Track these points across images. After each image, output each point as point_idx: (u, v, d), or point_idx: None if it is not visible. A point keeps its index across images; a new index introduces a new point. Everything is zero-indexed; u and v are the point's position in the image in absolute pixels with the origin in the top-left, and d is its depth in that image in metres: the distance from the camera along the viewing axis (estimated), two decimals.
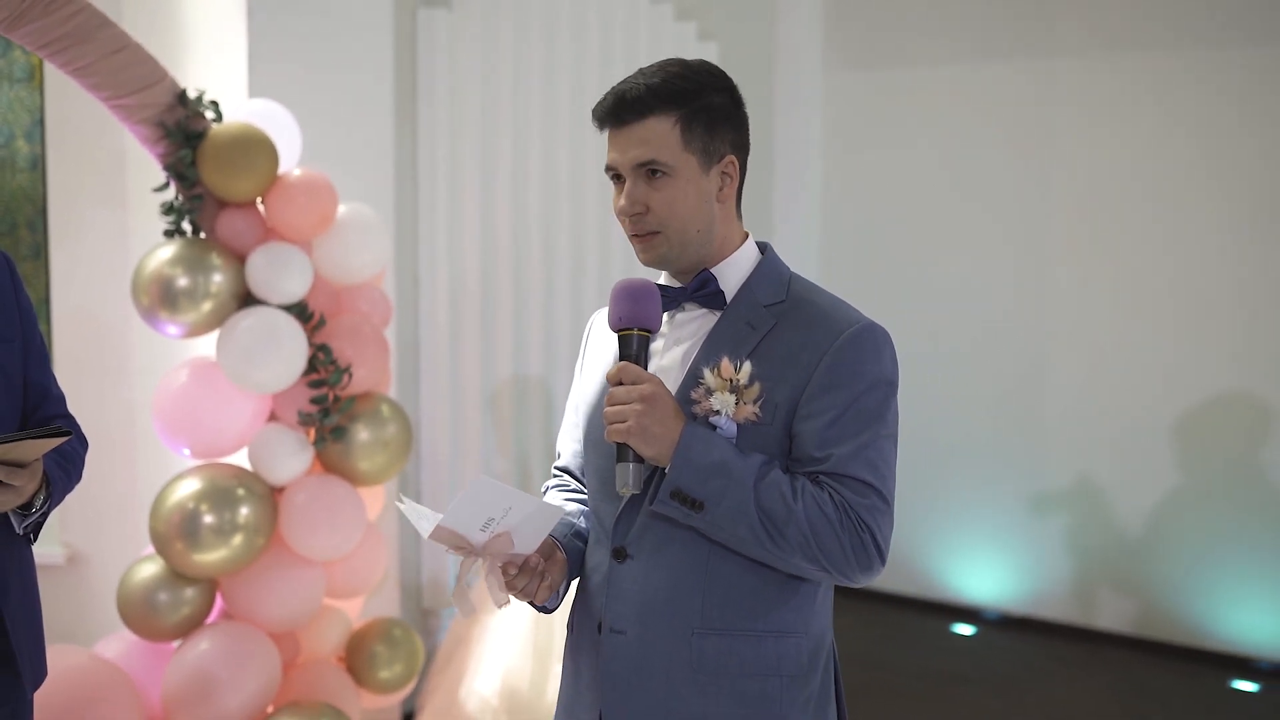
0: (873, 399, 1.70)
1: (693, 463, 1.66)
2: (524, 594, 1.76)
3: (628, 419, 1.66)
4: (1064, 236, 5.27)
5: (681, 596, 1.74)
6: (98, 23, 2.87)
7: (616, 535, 1.80)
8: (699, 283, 1.79)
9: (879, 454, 1.70)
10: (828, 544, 1.66)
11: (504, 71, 4.37)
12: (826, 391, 1.69)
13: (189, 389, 3.14)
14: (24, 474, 1.90)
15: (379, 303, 3.43)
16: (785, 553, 1.67)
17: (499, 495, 1.64)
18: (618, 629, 1.78)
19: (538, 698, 3.61)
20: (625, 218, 1.76)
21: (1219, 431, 4.93)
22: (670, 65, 1.77)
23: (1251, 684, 4.70)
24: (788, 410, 1.71)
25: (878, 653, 5.06)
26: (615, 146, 1.76)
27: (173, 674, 3.09)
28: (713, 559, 1.73)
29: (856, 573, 1.69)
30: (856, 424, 1.69)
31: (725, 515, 1.67)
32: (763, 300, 1.78)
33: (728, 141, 1.77)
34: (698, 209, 1.75)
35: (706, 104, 1.74)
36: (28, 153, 3.89)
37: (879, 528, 1.68)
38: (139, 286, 3.10)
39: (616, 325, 1.73)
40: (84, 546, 3.87)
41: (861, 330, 1.72)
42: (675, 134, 1.72)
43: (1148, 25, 5.01)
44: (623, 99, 1.74)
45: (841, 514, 1.66)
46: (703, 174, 1.75)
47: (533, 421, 4.57)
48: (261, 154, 3.11)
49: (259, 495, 3.14)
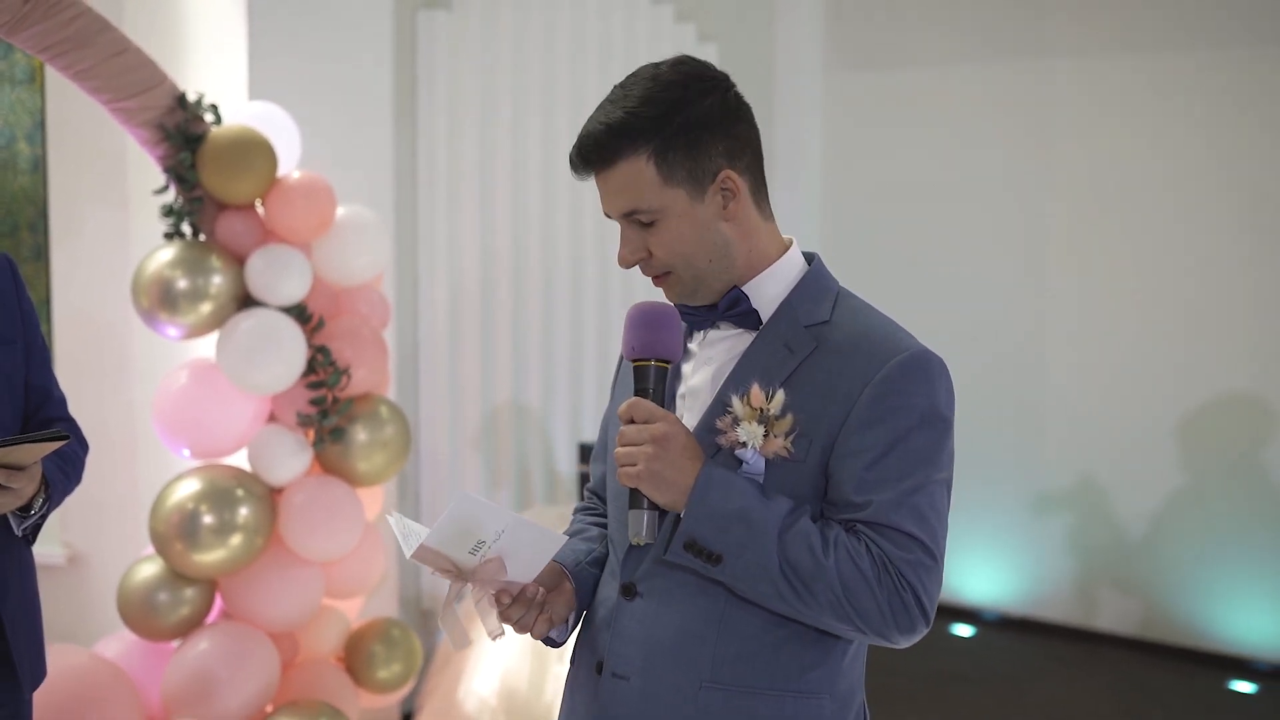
0: (923, 438, 1.50)
1: (709, 511, 1.49)
2: (520, 626, 1.62)
3: (638, 462, 1.50)
4: (1064, 237, 5.27)
5: (691, 644, 1.57)
6: (98, 27, 2.88)
7: (625, 570, 1.63)
8: (729, 302, 1.60)
9: (928, 501, 1.50)
10: (863, 603, 1.48)
11: (503, 73, 4.38)
12: (869, 427, 1.50)
13: (189, 390, 3.15)
14: (23, 476, 1.91)
15: (378, 305, 3.45)
16: (814, 611, 1.50)
17: (489, 516, 1.50)
18: (620, 673, 1.61)
19: (536, 698, 3.62)
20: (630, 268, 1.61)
21: (1219, 433, 4.94)
22: (635, 87, 1.56)
23: (1250, 685, 4.71)
24: (824, 446, 1.51)
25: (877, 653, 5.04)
26: (600, 194, 1.59)
27: (172, 674, 3.10)
28: (730, 605, 1.55)
29: (895, 635, 1.51)
30: (902, 466, 1.49)
31: (746, 569, 1.49)
32: (804, 320, 1.58)
33: (719, 153, 1.56)
34: (700, 241, 1.56)
35: (683, 122, 1.53)
36: (29, 154, 3.90)
37: (924, 586, 1.49)
38: (139, 288, 3.11)
39: (630, 355, 1.56)
40: (84, 547, 3.88)
41: (912, 358, 1.53)
42: (651, 171, 1.53)
43: (1147, 25, 5.02)
44: (586, 145, 1.56)
45: (880, 570, 1.48)
46: (696, 202, 1.55)
47: (531, 422, 4.58)
48: (261, 156, 3.12)
49: (258, 496, 3.15)
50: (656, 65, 1.59)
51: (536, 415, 4.59)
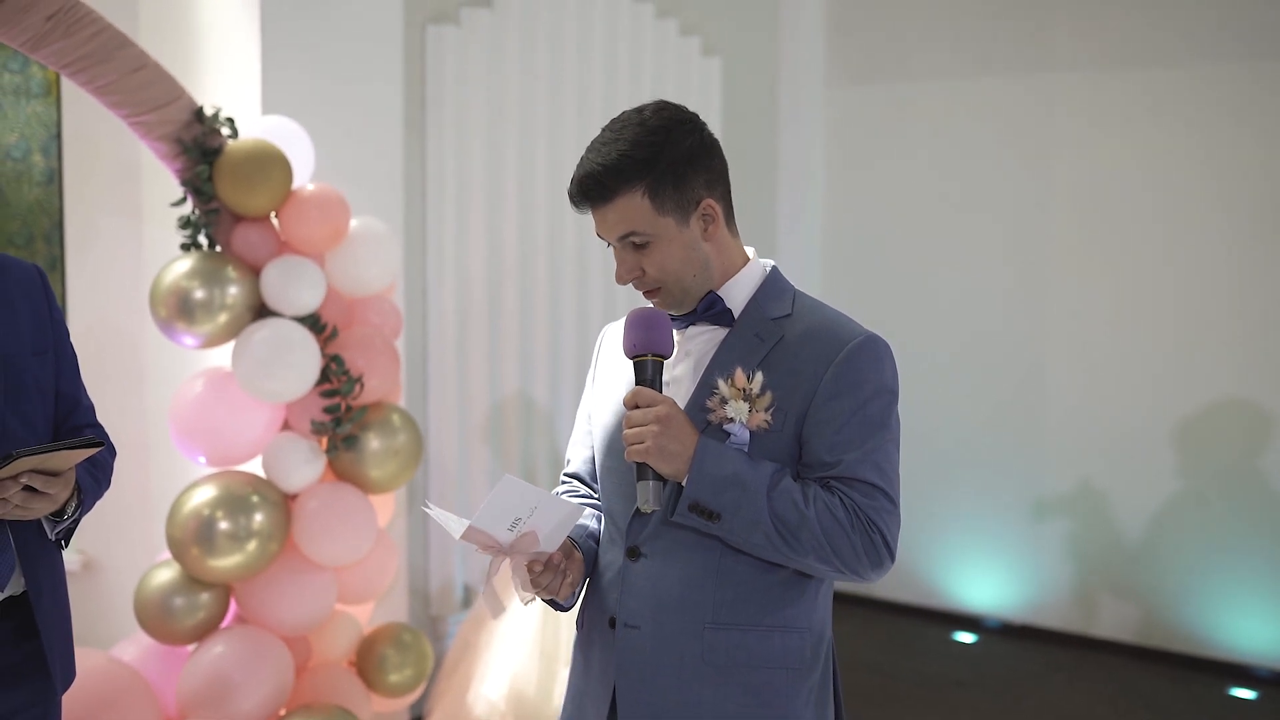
0: (877, 406, 1.80)
1: (708, 476, 1.76)
2: (548, 591, 1.85)
3: (645, 440, 1.75)
4: (1064, 247, 5.32)
5: (694, 593, 1.83)
6: (118, 43, 2.94)
7: (630, 535, 1.89)
8: (707, 304, 1.88)
9: (885, 458, 1.81)
10: (840, 545, 1.76)
11: (510, 86, 4.44)
12: (834, 399, 1.79)
13: (205, 398, 3.20)
14: (57, 482, 1.96)
15: (389, 314, 3.49)
16: (799, 555, 1.77)
17: (526, 495, 1.72)
18: (631, 624, 1.87)
19: (544, 701, 3.66)
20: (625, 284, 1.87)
21: (1218, 440, 4.98)
22: (625, 131, 1.81)
23: (1250, 692, 4.74)
24: (797, 418, 1.80)
25: (880, 659, 5.12)
26: (596, 223, 1.85)
27: (188, 677, 3.15)
28: (724, 558, 1.83)
29: (868, 570, 1.79)
30: (863, 430, 1.79)
31: (741, 524, 1.76)
32: (769, 314, 1.87)
33: (700, 184, 1.83)
34: (687, 259, 1.84)
35: (670, 160, 1.79)
36: (44, 166, 3.96)
37: (887, 527, 1.78)
38: (157, 298, 3.16)
39: (631, 352, 1.82)
40: (97, 553, 3.92)
41: (864, 342, 1.82)
42: (645, 204, 1.80)
43: (1145, 41, 5.08)
44: (586, 184, 1.81)
45: (852, 516, 1.76)
46: (683, 227, 1.83)
47: (538, 429, 4.64)
48: (276, 170, 3.18)
49: (273, 502, 3.20)
50: (640, 110, 1.85)
51: (543, 421, 4.64)
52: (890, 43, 5.77)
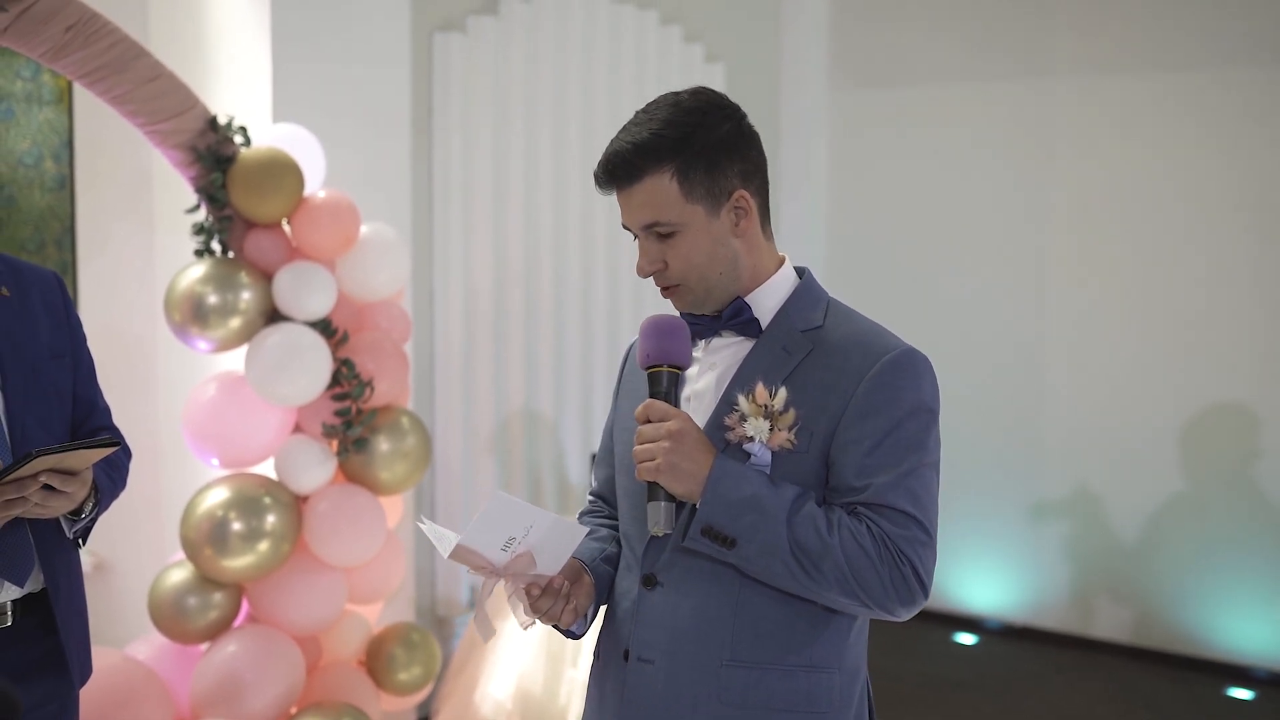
0: (913, 426, 1.65)
1: (723, 498, 1.61)
2: (548, 617, 1.71)
3: (656, 457, 1.61)
4: (1064, 251, 5.36)
5: (710, 627, 1.69)
6: (134, 53, 2.99)
7: (646, 562, 1.75)
8: (732, 311, 1.73)
9: (920, 483, 1.65)
10: (866, 578, 1.60)
11: (516, 93, 4.49)
12: (865, 418, 1.63)
13: (218, 402, 3.25)
14: (75, 481, 2.01)
15: (399, 319, 3.53)
16: (821, 588, 1.62)
17: (519, 513, 1.59)
18: (645, 658, 1.73)
19: (550, 701, 3.70)
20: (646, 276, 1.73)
21: (1216, 442, 5.01)
22: (659, 111, 1.68)
23: (1247, 692, 4.78)
24: (824, 438, 1.65)
25: (880, 661, 5.12)
26: (622, 208, 1.71)
27: (201, 675, 3.20)
28: (744, 589, 1.68)
29: (897, 607, 1.63)
30: (896, 452, 1.63)
31: (758, 551, 1.61)
32: (799, 325, 1.72)
33: (734, 174, 1.69)
34: (714, 255, 1.69)
35: (704, 144, 1.66)
36: (55, 173, 4.00)
37: (920, 560, 1.62)
38: (171, 304, 3.21)
39: (645, 363, 1.68)
40: (109, 554, 3.96)
41: (901, 355, 1.67)
42: (674, 188, 1.66)
43: (1149, 43, 5.10)
44: (613, 163, 1.68)
45: (880, 547, 1.60)
46: (712, 218, 1.68)
47: (544, 433, 4.68)
48: (289, 177, 3.22)
49: (284, 504, 3.25)
50: (676, 93, 1.72)
51: (548, 425, 4.69)
52: (892, 48, 5.81)
